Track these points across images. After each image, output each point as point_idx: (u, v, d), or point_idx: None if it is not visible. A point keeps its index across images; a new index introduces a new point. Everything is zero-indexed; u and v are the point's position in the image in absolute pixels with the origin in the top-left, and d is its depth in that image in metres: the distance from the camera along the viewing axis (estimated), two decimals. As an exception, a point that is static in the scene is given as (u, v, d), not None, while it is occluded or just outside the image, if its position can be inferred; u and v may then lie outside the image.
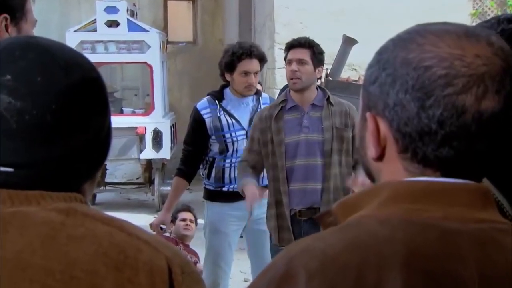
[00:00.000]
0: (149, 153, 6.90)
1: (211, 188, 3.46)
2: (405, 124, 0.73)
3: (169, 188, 3.78)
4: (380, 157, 0.77)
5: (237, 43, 3.40)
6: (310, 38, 3.09)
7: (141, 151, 6.88)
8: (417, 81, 0.72)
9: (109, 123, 0.87)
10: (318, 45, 3.05)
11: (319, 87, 3.14)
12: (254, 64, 3.32)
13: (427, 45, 0.74)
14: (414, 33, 0.76)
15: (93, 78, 0.84)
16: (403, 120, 0.73)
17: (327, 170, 2.98)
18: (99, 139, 0.84)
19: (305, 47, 3.00)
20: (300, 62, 2.98)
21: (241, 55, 3.29)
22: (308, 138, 2.99)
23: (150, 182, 7.43)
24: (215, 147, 3.42)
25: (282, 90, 4.50)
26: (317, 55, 3.02)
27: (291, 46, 3.02)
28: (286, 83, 3.14)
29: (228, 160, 3.41)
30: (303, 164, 2.97)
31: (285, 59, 3.04)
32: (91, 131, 0.82)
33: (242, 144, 3.37)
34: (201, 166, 3.50)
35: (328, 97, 3.05)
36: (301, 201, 2.99)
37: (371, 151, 0.77)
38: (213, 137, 3.40)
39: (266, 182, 3.15)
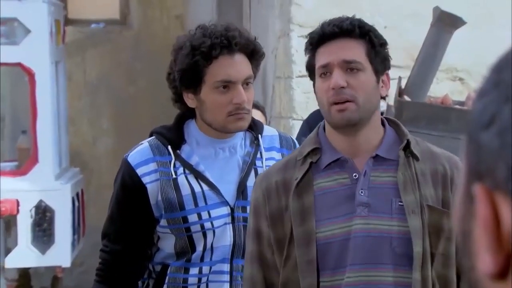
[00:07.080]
0: (25, 255, 6.90)
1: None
2: None
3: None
4: (503, 273, 0.81)
5: (198, 28, 3.48)
6: (357, 17, 3.14)
7: (7, 251, 6.90)
8: None
9: None
10: (376, 31, 3.12)
11: (387, 119, 3.20)
12: (239, 64, 3.41)
13: None
14: None
15: None
16: None
17: None
18: None
19: (354, 36, 3.05)
20: (348, 66, 3.03)
21: (211, 49, 3.35)
22: (369, 228, 3.03)
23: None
24: (167, 244, 3.50)
25: (309, 121, 4.59)
26: (378, 51, 3.09)
27: (322, 37, 3.06)
28: (317, 107, 3.12)
29: (194, 271, 3.47)
30: (359, 283, 3.02)
31: (310, 65, 3.10)
32: None
33: (223, 237, 3.45)
34: (139, 284, 3.54)
35: (408, 142, 3.09)
36: None
37: (485, 261, 0.81)
38: (163, 222, 3.46)
39: None
